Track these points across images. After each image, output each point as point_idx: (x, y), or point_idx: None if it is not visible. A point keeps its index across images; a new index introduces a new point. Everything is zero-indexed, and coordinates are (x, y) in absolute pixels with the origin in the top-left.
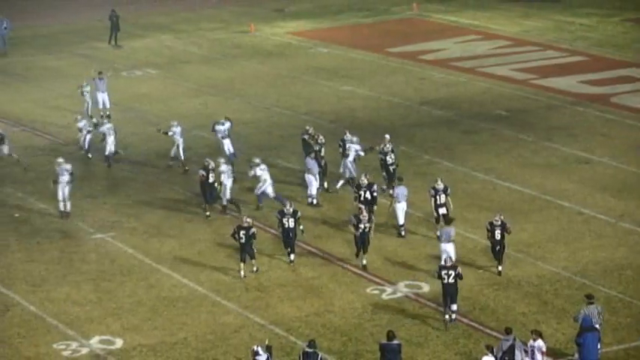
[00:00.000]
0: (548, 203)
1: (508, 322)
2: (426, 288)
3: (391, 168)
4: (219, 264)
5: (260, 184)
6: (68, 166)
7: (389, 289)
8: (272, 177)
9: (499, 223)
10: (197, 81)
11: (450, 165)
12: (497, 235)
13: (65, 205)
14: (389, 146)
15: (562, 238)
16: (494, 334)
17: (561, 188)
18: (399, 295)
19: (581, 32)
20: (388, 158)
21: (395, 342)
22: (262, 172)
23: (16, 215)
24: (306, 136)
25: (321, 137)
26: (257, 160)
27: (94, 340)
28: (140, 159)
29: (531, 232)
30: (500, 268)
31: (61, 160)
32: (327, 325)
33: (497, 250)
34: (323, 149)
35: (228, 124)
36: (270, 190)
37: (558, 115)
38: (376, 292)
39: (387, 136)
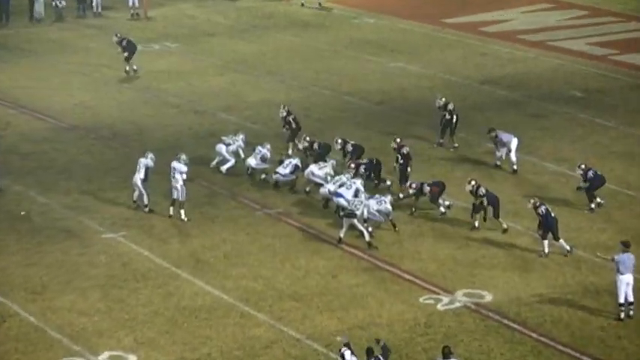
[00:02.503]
0: (630, 199)
1: (584, 338)
2: (488, 297)
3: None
4: (248, 269)
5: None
6: None
7: (445, 299)
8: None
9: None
10: (223, 56)
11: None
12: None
13: None
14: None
15: None
16: (568, 351)
17: None
18: (456, 305)
19: None
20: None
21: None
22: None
23: (22, 213)
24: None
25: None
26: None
27: (103, 357)
28: (157, 146)
29: (611, 233)
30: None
31: None
32: (374, 340)
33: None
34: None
35: None
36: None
37: None
38: (430, 301)
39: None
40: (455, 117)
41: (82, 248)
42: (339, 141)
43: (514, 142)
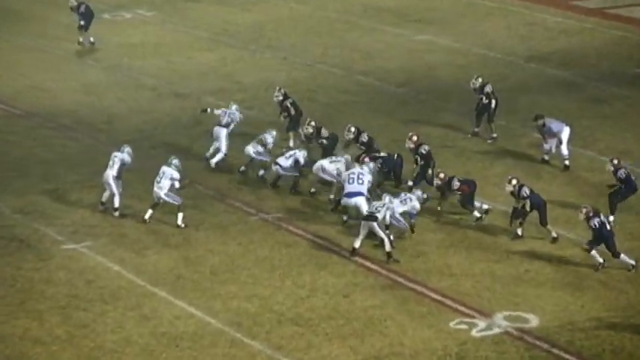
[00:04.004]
0: None
1: None
2: (534, 321)
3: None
4: (240, 286)
5: None
6: None
7: (482, 323)
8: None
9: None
10: (211, 27)
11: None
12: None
13: None
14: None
15: None
16: None
17: None
18: (495, 331)
19: None
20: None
21: None
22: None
23: None
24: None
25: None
26: None
27: None
28: (130, 137)
29: None
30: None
31: None
32: None
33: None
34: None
35: None
36: None
37: None
38: (464, 326)
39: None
40: (494, 101)
41: (38, 262)
42: (352, 129)
43: (565, 132)
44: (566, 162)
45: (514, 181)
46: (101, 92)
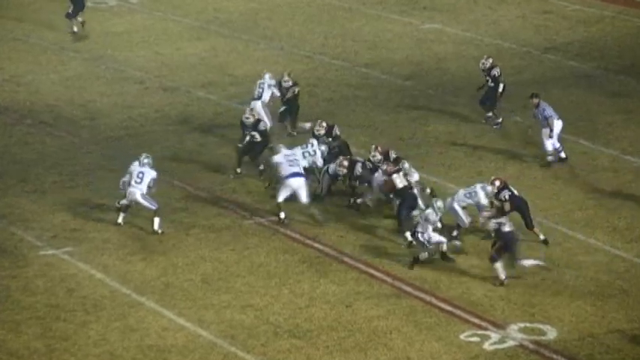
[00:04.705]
0: None
1: None
2: (551, 333)
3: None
4: (234, 296)
5: None
6: None
7: (494, 335)
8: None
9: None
10: (201, 15)
11: (588, 145)
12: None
13: None
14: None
15: None
16: None
17: None
18: (510, 343)
19: None
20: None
21: None
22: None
23: None
24: None
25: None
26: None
27: None
28: (114, 134)
29: None
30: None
31: None
32: None
33: None
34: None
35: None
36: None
37: None
38: (475, 339)
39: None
40: (501, 85)
41: (15, 269)
42: (324, 124)
43: (557, 125)
44: (562, 154)
45: (497, 183)
46: (83, 86)
